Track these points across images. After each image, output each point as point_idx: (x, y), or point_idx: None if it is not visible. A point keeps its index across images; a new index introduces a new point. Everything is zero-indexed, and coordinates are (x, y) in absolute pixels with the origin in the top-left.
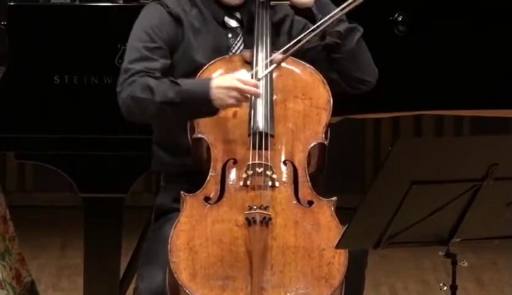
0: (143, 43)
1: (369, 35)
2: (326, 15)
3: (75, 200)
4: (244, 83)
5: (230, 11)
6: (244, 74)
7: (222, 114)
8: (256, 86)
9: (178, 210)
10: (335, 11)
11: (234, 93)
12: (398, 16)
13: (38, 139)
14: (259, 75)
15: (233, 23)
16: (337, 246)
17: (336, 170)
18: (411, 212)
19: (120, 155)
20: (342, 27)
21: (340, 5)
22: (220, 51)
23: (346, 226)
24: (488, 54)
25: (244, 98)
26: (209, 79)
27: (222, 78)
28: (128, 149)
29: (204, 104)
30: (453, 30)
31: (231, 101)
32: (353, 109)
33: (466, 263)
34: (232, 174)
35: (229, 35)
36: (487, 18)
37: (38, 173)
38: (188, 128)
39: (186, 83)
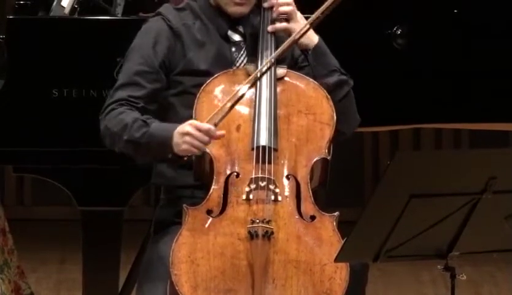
0: (136, 66)
1: (368, 48)
2: (319, 65)
3: (74, 213)
4: (197, 127)
5: (233, 24)
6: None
7: (225, 127)
8: (209, 132)
9: (178, 224)
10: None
11: (187, 138)
12: (397, 29)
13: (37, 152)
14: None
15: (236, 37)
16: (336, 260)
17: (335, 183)
18: (409, 225)
19: (118, 168)
20: (332, 80)
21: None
22: (224, 62)
23: (345, 239)
24: (488, 67)
25: (198, 143)
26: (177, 125)
27: (182, 124)
28: (126, 163)
29: (165, 148)
30: (452, 43)
31: (184, 146)
32: None
33: (465, 277)
34: (235, 188)
35: (233, 49)
36: (486, 31)
37: (37, 186)
38: None
39: (154, 126)
